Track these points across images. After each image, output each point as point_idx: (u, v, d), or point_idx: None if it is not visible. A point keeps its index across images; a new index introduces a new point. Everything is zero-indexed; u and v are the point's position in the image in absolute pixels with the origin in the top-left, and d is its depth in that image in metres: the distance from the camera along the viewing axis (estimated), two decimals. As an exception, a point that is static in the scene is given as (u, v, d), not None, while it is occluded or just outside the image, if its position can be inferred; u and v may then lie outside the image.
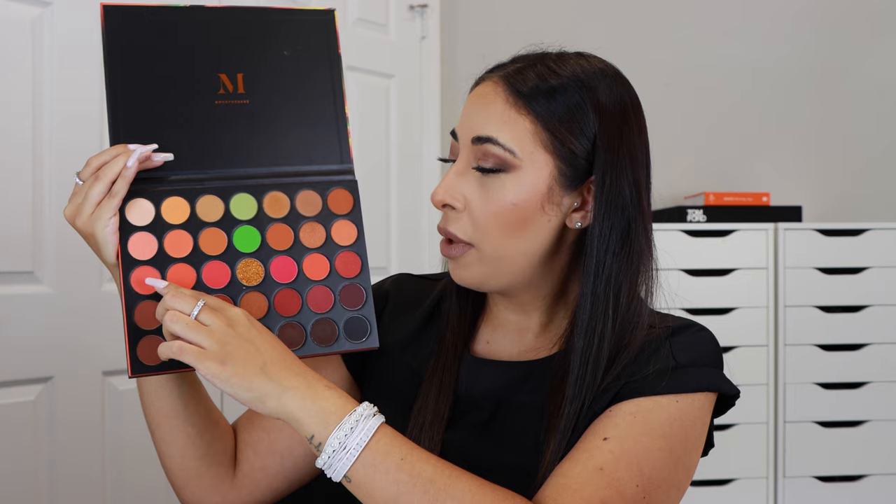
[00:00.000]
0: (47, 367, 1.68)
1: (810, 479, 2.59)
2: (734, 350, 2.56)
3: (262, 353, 0.82)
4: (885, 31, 3.04)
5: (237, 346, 0.81)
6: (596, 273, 0.92)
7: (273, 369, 0.81)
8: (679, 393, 0.90)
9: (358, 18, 2.38)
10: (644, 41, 2.93)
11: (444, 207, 0.95)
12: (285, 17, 0.96)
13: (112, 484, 1.78)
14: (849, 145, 3.03)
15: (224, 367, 0.80)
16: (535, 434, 0.93)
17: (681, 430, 0.89)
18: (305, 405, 0.80)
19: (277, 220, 0.93)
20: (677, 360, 0.92)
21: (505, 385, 0.98)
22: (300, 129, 0.95)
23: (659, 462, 0.86)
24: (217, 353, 0.80)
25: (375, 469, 0.79)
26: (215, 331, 0.81)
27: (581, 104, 0.92)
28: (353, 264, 0.94)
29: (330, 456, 0.79)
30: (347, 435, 0.79)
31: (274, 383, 0.81)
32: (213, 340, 0.81)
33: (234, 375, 0.80)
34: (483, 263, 0.94)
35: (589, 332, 0.91)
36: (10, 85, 1.64)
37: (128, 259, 0.88)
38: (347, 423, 0.80)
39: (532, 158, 0.91)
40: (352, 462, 0.79)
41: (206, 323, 0.82)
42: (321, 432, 0.80)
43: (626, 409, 0.89)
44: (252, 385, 0.80)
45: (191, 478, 0.99)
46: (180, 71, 0.92)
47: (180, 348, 0.80)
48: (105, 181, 0.87)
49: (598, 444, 0.86)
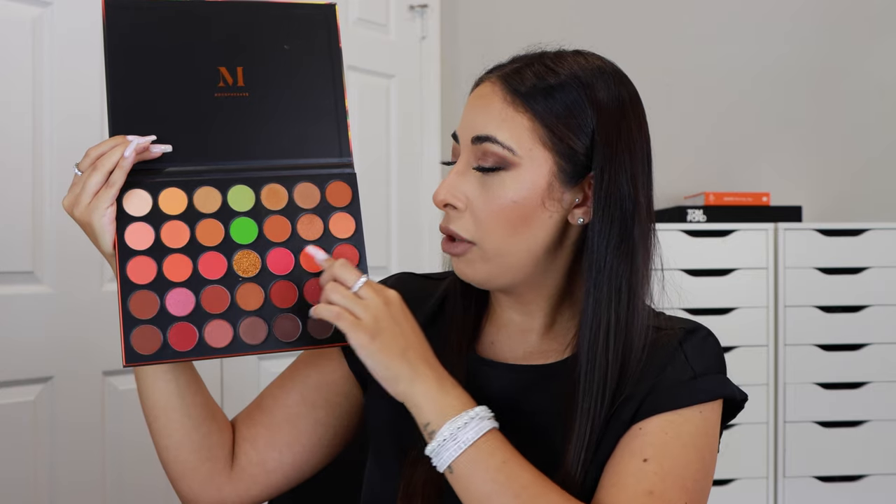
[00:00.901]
0: (47, 367, 1.68)
1: (810, 479, 2.59)
2: (734, 350, 2.56)
3: (406, 338, 0.87)
4: (885, 31, 3.04)
5: (388, 325, 0.87)
6: (597, 268, 0.92)
7: (413, 355, 0.87)
8: (702, 403, 0.92)
9: (358, 18, 2.38)
10: (644, 41, 2.93)
11: (446, 207, 0.95)
12: (286, 11, 0.97)
13: (112, 484, 1.78)
14: (849, 145, 3.03)
15: (373, 341, 0.86)
16: (548, 439, 0.93)
17: (708, 439, 0.92)
18: (431, 395, 0.86)
19: (275, 212, 0.94)
20: (695, 369, 0.94)
21: (515, 388, 0.98)
22: (300, 122, 0.96)
23: (697, 474, 0.90)
24: (370, 326, 0.86)
25: (477, 465, 0.84)
26: (371, 306, 0.87)
27: (579, 101, 0.92)
28: (352, 257, 0.95)
29: (440, 444, 0.85)
30: (460, 428, 0.85)
31: (411, 368, 0.86)
32: (368, 314, 0.86)
33: (380, 351, 0.86)
34: (486, 261, 0.94)
35: (594, 328, 0.92)
36: (10, 85, 1.64)
37: (124, 249, 0.89)
38: (463, 418, 0.85)
39: (531, 156, 0.92)
40: (458, 454, 0.84)
41: (364, 297, 0.87)
42: (437, 421, 0.85)
43: (656, 425, 0.90)
44: (391, 364, 0.86)
45: (187, 471, 0.99)
46: (180, 64, 0.93)
47: (339, 314, 0.86)
48: (103, 171, 0.87)
49: (640, 468, 0.88)
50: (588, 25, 2.89)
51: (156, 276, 0.89)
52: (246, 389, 2.03)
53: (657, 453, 0.89)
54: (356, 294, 0.87)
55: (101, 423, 1.77)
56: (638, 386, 0.92)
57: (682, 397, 0.91)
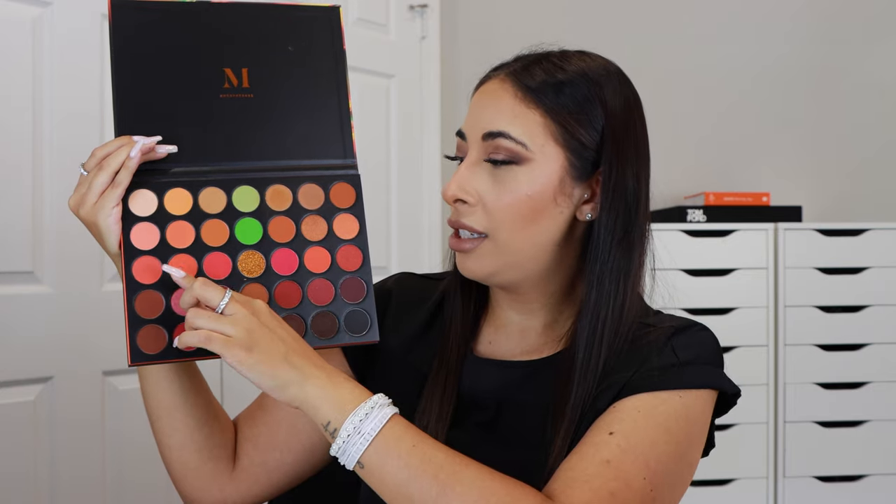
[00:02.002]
0: (47, 367, 1.68)
1: (810, 479, 2.59)
2: (734, 350, 2.56)
3: (285, 343, 0.84)
4: (884, 31, 3.04)
5: (262, 335, 0.83)
6: (602, 261, 0.94)
7: (296, 358, 0.84)
8: (682, 389, 0.91)
9: (358, 18, 2.38)
10: (644, 41, 2.93)
11: (456, 203, 0.96)
12: (290, 13, 0.98)
13: (112, 484, 1.78)
14: (849, 145, 3.03)
15: (251, 354, 0.82)
16: (540, 432, 0.93)
17: (685, 424, 0.90)
18: (325, 393, 0.83)
19: (279, 213, 0.94)
20: (679, 357, 0.93)
21: (507, 384, 0.99)
22: (304, 123, 0.96)
23: (664, 456, 0.87)
24: (244, 340, 0.82)
25: (388, 454, 0.81)
26: (240, 319, 0.83)
27: (589, 97, 0.94)
28: (355, 258, 0.95)
29: (345, 441, 0.81)
30: (362, 420, 0.81)
31: (297, 371, 0.83)
32: (239, 329, 0.83)
33: (260, 362, 0.82)
34: (496, 254, 0.95)
35: (593, 321, 0.93)
36: (10, 84, 1.64)
37: (130, 249, 0.89)
38: (362, 409, 0.82)
39: (543, 151, 0.93)
40: (365, 447, 0.81)
41: (231, 312, 0.84)
42: (337, 418, 0.82)
43: (630, 404, 0.90)
44: (276, 372, 0.82)
45: (189, 471, 0.99)
46: (186, 65, 0.94)
47: (208, 337, 0.82)
48: (108, 171, 0.88)
49: (604, 439, 0.87)
50: (588, 25, 2.89)
51: (161, 276, 0.89)
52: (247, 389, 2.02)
53: (624, 428, 0.87)
54: (222, 313, 0.84)
55: (101, 422, 1.76)
56: (620, 374, 0.92)
57: (662, 382, 0.90)
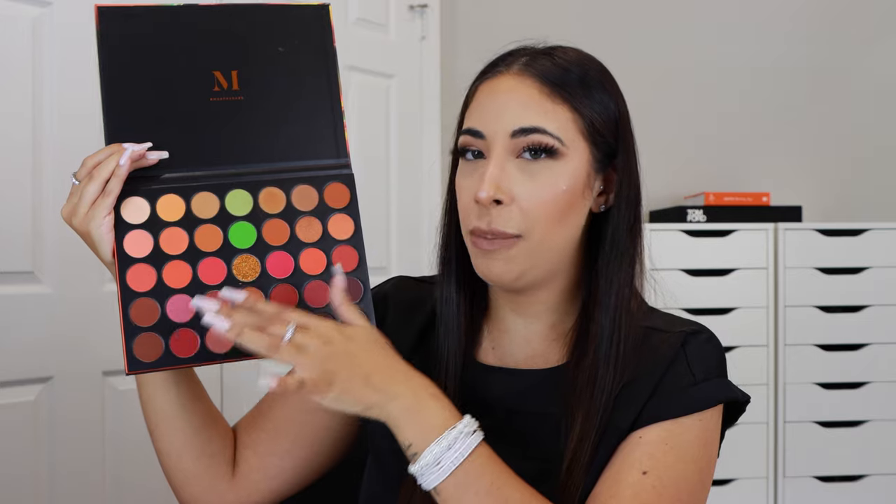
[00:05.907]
0: (47, 367, 1.68)
1: (810, 479, 2.59)
2: (734, 350, 2.56)
3: (363, 365, 0.82)
4: (884, 31, 3.04)
5: (338, 364, 0.81)
6: (618, 250, 0.94)
7: (377, 379, 0.82)
8: (701, 411, 0.92)
9: (358, 18, 2.38)
10: (644, 41, 2.93)
11: (490, 204, 0.91)
12: (279, 13, 0.96)
13: (112, 484, 1.78)
14: (848, 145, 3.03)
15: (332, 388, 0.80)
16: (552, 442, 0.92)
17: (707, 448, 0.92)
18: (408, 415, 0.81)
19: (273, 216, 0.93)
20: (695, 373, 0.93)
21: (516, 392, 0.97)
22: (296, 124, 0.95)
23: (694, 486, 0.90)
24: (322, 377, 0.80)
25: (466, 489, 0.81)
26: (313, 353, 0.80)
27: (602, 90, 0.94)
28: (351, 258, 0.94)
29: (424, 468, 0.81)
30: (444, 451, 0.81)
31: (380, 393, 0.82)
32: (314, 365, 0.79)
33: (343, 393, 0.80)
34: (528, 255, 0.92)
35: (606, 312, 0.93)
36: (10, 84, 1.64)
37: (124, 257, 0.89)
38: (446, 439, 0.81)
39: (574, 146, 0.92)
40: (444, 478, 0.81)
41: (302, 344, 0.80)
42: (419, 444, 0.81)
43: (656, 435, 0.90)
44: (359, 398, 0.81)
45: (189, 478, 0.99)
46: (174, 69, 0.92)
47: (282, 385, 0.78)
48: (99, 180, 0.87)
49: (638, 480, 0.87)
50: (588, 25, 2.89)
51: (156, 283, 0.89)
52: (246, 395, 2.02)
53: (656, 466, 0.88)
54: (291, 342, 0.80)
55: (101, 423, 1.76)
56: (637, 388, 0.91)
57: (683, 406, 0.91)
